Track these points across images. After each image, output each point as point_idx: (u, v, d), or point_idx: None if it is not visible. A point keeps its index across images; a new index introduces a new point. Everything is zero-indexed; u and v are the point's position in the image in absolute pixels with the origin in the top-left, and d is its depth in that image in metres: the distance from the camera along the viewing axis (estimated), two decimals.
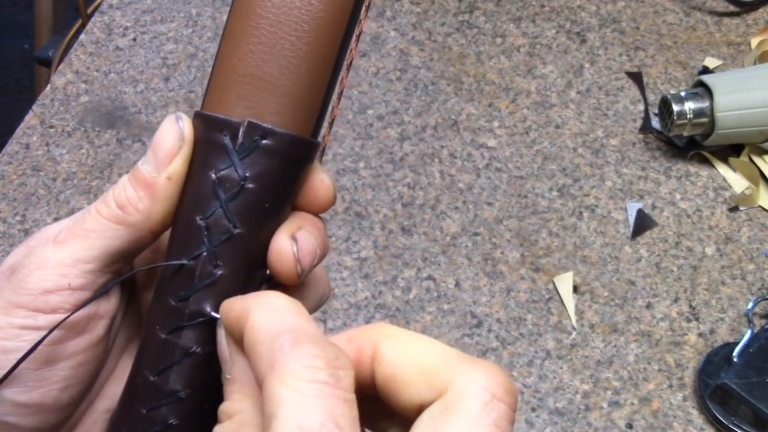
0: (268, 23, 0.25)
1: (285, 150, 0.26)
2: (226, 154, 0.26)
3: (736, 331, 0.62)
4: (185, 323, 0.26)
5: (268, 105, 0.26)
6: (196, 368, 0.26)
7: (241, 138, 0.26)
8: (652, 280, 0.65)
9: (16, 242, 0.67)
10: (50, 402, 0.27)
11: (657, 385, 0.59)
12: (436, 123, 0.76)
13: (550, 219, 0.69)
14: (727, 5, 0.86)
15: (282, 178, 0.26)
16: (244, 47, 0.26)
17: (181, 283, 0.26)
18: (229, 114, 0.26)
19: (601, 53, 0.82)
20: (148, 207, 0.26)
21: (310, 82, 0.26)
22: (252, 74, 0.26)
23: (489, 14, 0.86)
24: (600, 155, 0.74)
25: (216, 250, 0.26)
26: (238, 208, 0.26)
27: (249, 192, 0.26)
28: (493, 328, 0.62)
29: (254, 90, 0.26)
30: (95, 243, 0.26)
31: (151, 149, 0.27)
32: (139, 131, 0.75)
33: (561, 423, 0.57)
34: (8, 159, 0.73)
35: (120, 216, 0.27)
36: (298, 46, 0.26)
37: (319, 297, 0.29)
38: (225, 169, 0.26)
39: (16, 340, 0.25)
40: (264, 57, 0.26)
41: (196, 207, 0.26)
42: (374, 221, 0.68)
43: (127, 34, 0.84)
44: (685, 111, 0.70)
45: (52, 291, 0.26)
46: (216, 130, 0.26)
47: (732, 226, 0.69)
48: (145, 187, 0.26)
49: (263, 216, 0.26)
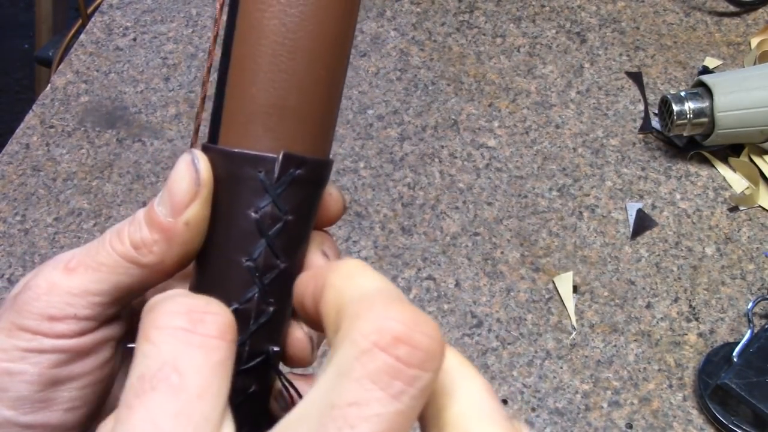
0: (287, 50, 0.25)
1: (314, 176, 0.26)
2: (264, 191, 0.25)
3: (736, 331, 0.62)
4: (244, 366, 0.26)
5: (295, 134, 0.25)
6: (254, 405, 0.26)
7: (277, 172, 0.25)
8: (652, 280, 0.65)
9: (16, 242, 0.67)
10: (55, 423, 0.26)
11: (657, 385, 0.59)
12: (436, 123, 0.76)
13: (550, 219, 0.69)
14: (727, 5, 0.86)
15: (312, 203, 0.26)
16: (263, 77, 0.25)
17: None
18: (258, 147, 0.25)
19: (601, 53, 0.82)
20: (164, 251, 0.26)
21: (329, 104, 0.26)
22: (277, 104, 0.25)
23: (489, 14, 0.86)
24: (600, 155, 0.74)
25: (267, 289, 0.25)
26: (282, 242, 0.25)
27: (289, 224, 0.25)
28: (493, 328, 0.62)
29: (281, 120, 0.25)
30: (106, 277, 0.26)
31: (167, 191, 0.26)
32: (139, 131, 0.75)
33: (561, 423, 0.57)
34: (8, 159, 0.73)
35: (134, 256, 0.26)
36: (318, 72, 0.25)
37: None
38: (265, 207, 0.25)
39: (20, 363, 0.25)
40: (287, 85, 0.25)
41: (237, 249, 0.25)
42: (374, 221, 0.68)
43: (127, 34, 0.84)
44: (685, 111, 0.70)
45: (57, 318, 0.26)
46: (247, 167, 0.25)
47: (732, 226, 0.69)
48: (161, 231, 0.26)
49: (300, 244, 0.26)
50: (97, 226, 0.68)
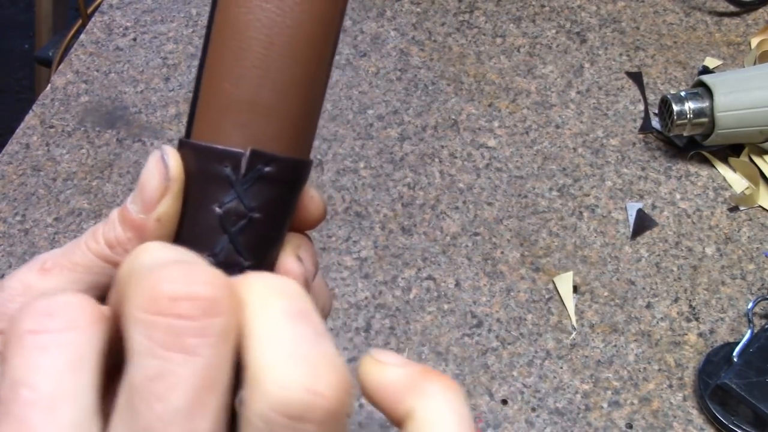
0: (262, 45, 0.24)
1: (287, 175, 0.25)
2: (229, 186, 0.24)
3: (736, 331, 0.62)
4: None
5: (266, 131, 0.25)
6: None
7: (244, 168, 0.24)
8: (652, 280, 0.65)
9: (16, 242, 0.67)
10: None
11: (657, 385, 0.59)
12: (436, 123, 0.76)
13: (550, 219, 0.69)
14: (727, 5, 0.86)
15: (285, 203, 0.26)
16: (237, 72, 0.24)
17: None
18: (227, 143, 0.25)
19: (601, 53, 0.82)
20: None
21: (306, 103, 0.25)
22: (248, 100, 0.24)
23: (489, 14, 0.86)
24: (600, 155, 0.74)
25: None
26: (247, 240, 0.25)
27: (256, 222, 0.25)
28: (493, 328, 0.62)
29: (252, 116, 0.25)
30: (81, 277, 0.26)
31: (138, 188, 0.25)
32: (139, 131, 0.75)
33: (561, 423, 0.57)
34: (8, 159, 0.73)
35: (108, 255, 0.26)
36: (293, 69, 0.25)
37: (321, 309, 0.29)
38: (230, 202, 0.25)
39: None
40: (260, 82, 0.24)
41: (200, 244, 0.25)
42: (374, 221, 0.68)
43: (127, 34, 0.84)
44: (685, 111, 0.70)
45: None
46: (215, 162, 0.25)
47: (732, 226, 0.69)
48: (134, 229, 0.25)
49: (270, 244, 0.26)
50: None
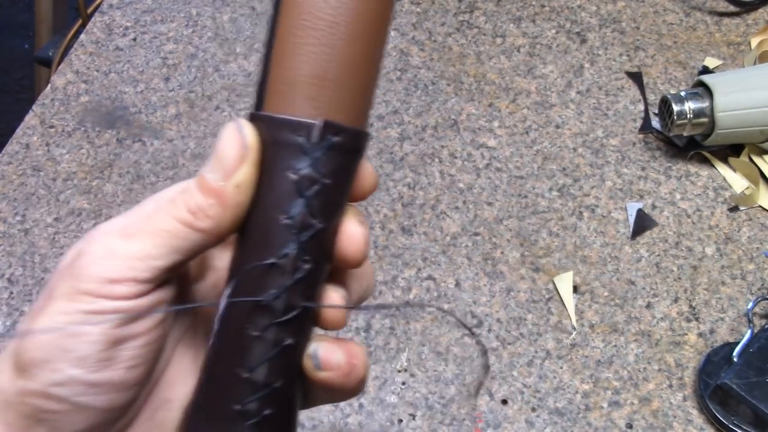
0: (327, 25, 0.27)
1: (352, 144, 0.28)
2: (303, 154, 0.27)
3: (736, 331, 0.62)
4: (279, 319, 0.27)
5: (333, 104, 0.27)
6: (288, 359, 0.28)
7: (317, 137, 0.27)
8: (652, 280, 0.65)
9: (16, 242, 0.67)
10: (117, 381, 0.28)
11: (657, 385, 0.59)
12: (436, 123, 0.76)
13: (550, 219, 0.69)
14: (727, 5, 0.86)
15: (350, 170, 0.28)
16: (306, 49, 0.27)
17: (271, 282, 0.27)
18: (299, 114, 0.27)
19: (601, 53, 0.82)
20: (219, 214, 0.28)
21: (367, 79, 0.28)
22: (317, 75, 0.27)
23: (489, 14, 0.86)
24: (600, 155, 0.74)
25: (305, 246, 0.27)
26: (319, 203, 0.27)
27: (327, 187, 0.27)
28: (493, 328, 0.62)
29: (320, 90, 0.27)
30: (166, 242, 0.28)
31: (216, 158, 0.28)
32: (139, 131, 0.75)
33: (561, 423, 0.57)
34: (8, 159, 0.73)
35: (191, 221, 0.28)
36: (356, 47, 0.27)
37: (366, 287, 0.31)
38: (303, 169, 0.27)
39: (83, 325, 0.27)
40: (327, 58, 0.27)
41: (277, 208, 0.27)
42: (374, 221, 0.68)
43: (127, 34, 0.84)
44: (685, 111, 0.70)
45: (118, 281, 0.27)
46: (289, 132, 0.27)
47: (732, 226, 0.69)
48: (214, 195, 0.27)
49: (337, 208, 0.28)
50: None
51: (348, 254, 0.29)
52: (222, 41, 0.83)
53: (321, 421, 0.57)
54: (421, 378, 0.59)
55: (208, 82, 0.79)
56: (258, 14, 0.86)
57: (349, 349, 0.29)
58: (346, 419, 0.57)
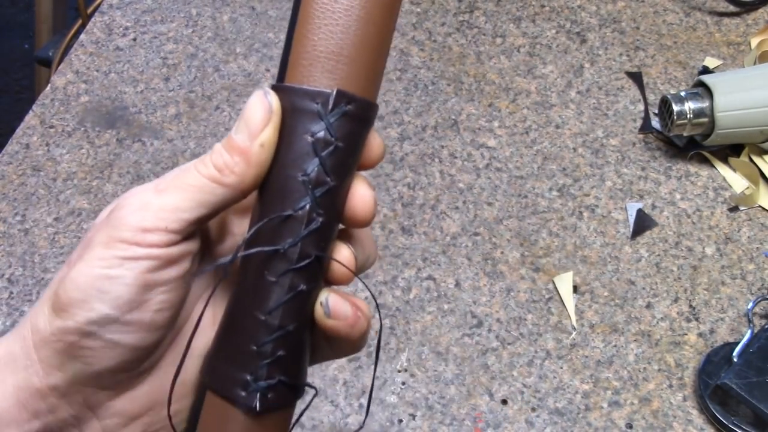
0: (343, 8, 0.31)
1: (362, 113, 0.31)
2: (320, 119, 0.30)
3: (736, 331, 0.62)
4: (294, 266, 0.31)
5: (347, 77, 0.31)
6: (302, 303, 0.31)
7: (331, 105, 0.30)
8: (652, 280, 0.65)
9: (16, 242, 0.67)
10: (147, 322, 0.31)
11: (657, 385, 0.59)
12: (436, 123, 0.76)
13: (550, 219, 0.69)
14: (727, 5, 0.86)
15: (360, 136, 0.31)
16: (324, 29, 0.31)
17: (288, 232, 0.31)
18: (316, 85, 0.31)
19: (601, 53, 0.82)
20: (243, 170, 0.30)
21: (377, 55, 0.31)
22: (334, 51, 0.31)
23: (489, 14, 0.86)
24: (600, 155, 0.74)
25: (318, 201, 0.30)
26: (332, 163, 0.31)
27: (339, 150, 0.31)
28: (493, 328, 0.62)
29: (336, 64, 0.31)
30: (194, 196, 0.31)
31: (243, 121, 0.31)
32: (139, 131, 0.75)
33: (561, 423, 0.57)
34: (8, 159, 0.73)
35: (217, 177, 0.31)
36: (368, 28, 0.31)
37: (368, 255, 0.34)
38: (319, 132, 0.30)
39: (118, 269, 0.30)
40: (343, 37, 0.31)
41: (295, 166, 0.31)
42: (374, 221, 0.68)
43: (127, 34, 0.84)
44: (685, 111, 0.70)
45: (150, 230, 0.30)
46: (307, 99, 0.30)
47: (732, 226, 0.69)
48: (240, 154, 0.30)
49: (348, 170, 0.31)
50: None
51: (358, 213, 0.32)
52: (222, 41, 0.83)
53: (321, 421, 0.57)
54: (421, 378, 0.59)
55: (208, 82, 0.79)
56: (258, 14, 0.86)
57: (355, 302, 0.32)
58: (346, 419, 0.57)
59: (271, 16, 0.86)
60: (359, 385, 0.59)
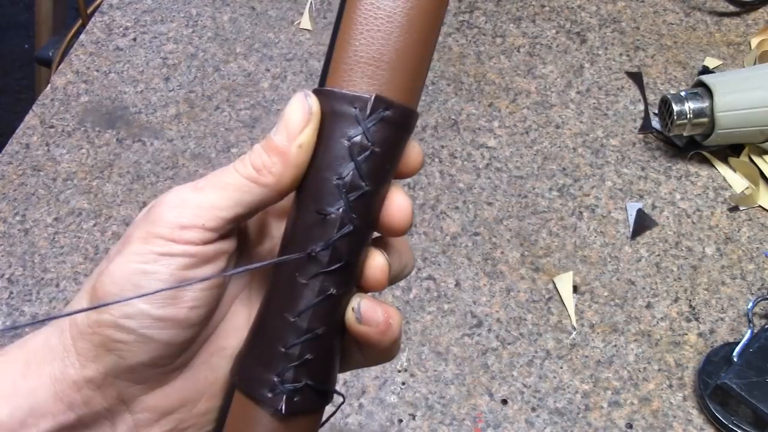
0: (385, 15, 0.31)
1: (401, 120, 0.31)
2: (357, 123, 0.30)
3: (736, 331, 0.62)
4: (325, 269, 0.31)
5: (387, 83, 0.31)
6: (332, 308, 0.31)
7: (369, 110, 0.30)
8: (652, 280, 0.65)
9: (16, 242, 0.67)
10: (181, 318, 0.31)
11: (657, 385, 0.59)
12: (436, 123, 0.76)
13: (550, 219, 0.69)
14: (727, 5, 0.86)
15: (398, 143, 0.31)
16: (365, 36, 0.31)
17: (320, 235, 0.31)
18: (355, 90, 0.31)
19: (601, 53, 0.82)
20: (281, 171, 0.31)
21: (418, 62, 0.32)
22: (374, 57, 0.31)
23: (489, 14, 0.86)
24: (600, 155, 0.74)
25: (352, 205, 0.31)
26: (368, 168, 0.31)
27: (376, 155, 0.31)
28: (493, 328, 0.62)
29: (376, 70, 0.31)
30: (231, 195, 0.31)
31: (283, 122, 0.31)
32: (139, 131, 0.75)
33: (561, 423, 0.57)
34: (8, 159, 0.73)
35: (255, 176, 0.31)
36: (409, 36, 0.31)
37: (405, 264, 0.34)
38: (356, 136, 0.30)
39: (154, 264, 0.30)
40: (383, 43, 0.31)
41: (331, 169, 0.31)
42: None
43: (127, 34, 0.84)
44: (685, 111, 0.70)
45: (187, 227, 0.30)
46: (346, 104, 0.31)
47: (732, 226, 0.69)
48: (279, 154, 0.31)
49: (384, 176, 0.31)
50: (97, 226, 0.68)
51: (394, 221, 0.32)
52: (222, 41, 0.83)
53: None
54: (421, 378, 0.59)
55: (208, 82, 0.79)
56: (258, 14, 0.86)
57: (388, 309, 0.32)
58: (346, 419, 0.57)
59: (271, 16, 0.86)
60: (359, 385, 0.59)
